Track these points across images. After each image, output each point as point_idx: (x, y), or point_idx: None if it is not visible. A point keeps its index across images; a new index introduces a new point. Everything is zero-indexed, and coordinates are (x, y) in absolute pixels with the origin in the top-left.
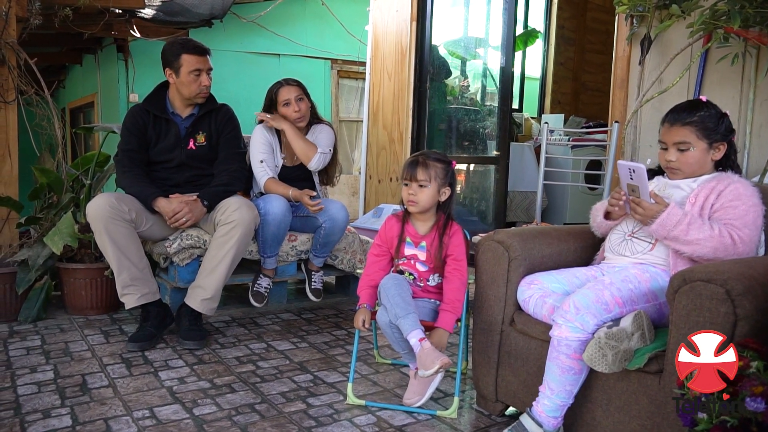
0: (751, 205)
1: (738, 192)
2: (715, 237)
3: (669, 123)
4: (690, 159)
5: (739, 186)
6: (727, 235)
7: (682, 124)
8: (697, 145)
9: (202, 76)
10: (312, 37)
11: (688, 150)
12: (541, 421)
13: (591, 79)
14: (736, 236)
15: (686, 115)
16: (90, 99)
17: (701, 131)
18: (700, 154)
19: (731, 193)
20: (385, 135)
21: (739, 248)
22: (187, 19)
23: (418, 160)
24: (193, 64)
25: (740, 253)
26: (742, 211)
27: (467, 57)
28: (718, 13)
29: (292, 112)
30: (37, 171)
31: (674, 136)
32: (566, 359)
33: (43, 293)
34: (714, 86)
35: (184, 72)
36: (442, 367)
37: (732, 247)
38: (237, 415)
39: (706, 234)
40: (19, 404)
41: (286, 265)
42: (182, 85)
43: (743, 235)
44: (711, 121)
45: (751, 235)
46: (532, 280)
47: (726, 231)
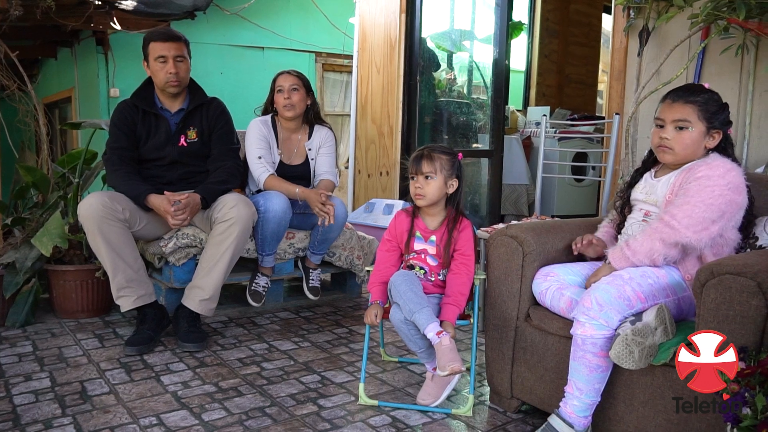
0: (712, 186)
1: (704, 173)
2: (653, 234)
3: (671, 100)
4: (686, 139)
5: (707, 168)
6: (662, 224)
7: (685, 101)
8: (696, 126)
9: (168, 63)
10: (296, 30)
11: (687, 129)
12: (571, 422)
13: (575, 72)
14: (667, 218)
15: (690, 94)
16: (67, 94)
17: (702, 112)
18: (697, 136)
19: (693, 175)
20: (374, 129)
21: (677, 227)
22: (169, 10)
23: (423, 153)
24: (158, 51)
25: (683, 232)
26: (693, 191)
27: (454, 50)
28: (721, 4)
29: (282, 99)
30: (21, 169)
31: (675, 112)
32: (593, 357)
33: (31, 296)
34: (713, 77)
35: (152, 59)
36: (452, 373)
37: (669, 229)
38: (248, 419)
39: (646, 238)
40: (18, 415)
41: (283, 263)
42: (153, 74)
43: (678, 212)
44: (713, 106)
45: (691, 212)
46: (548, 272)
47: (659, 222)
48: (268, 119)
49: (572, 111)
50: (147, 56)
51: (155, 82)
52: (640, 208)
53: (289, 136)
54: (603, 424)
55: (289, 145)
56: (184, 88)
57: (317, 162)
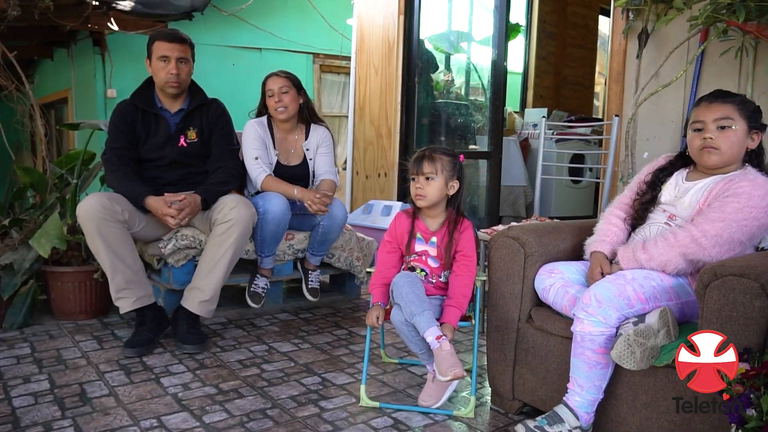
0: (751, 207)
1: (747, 192)
2: (675, 245)
3: (707, 102)
4: (732, 137)
5: (751, 186)
6: (689, 239)
7: (723, 101)
8: (739, 123)
9: (170, 63)
10: (294, 31)
11: (731, 127)
12: (577, 414)
13: (572, 74)
14: (697, 233)
15: (725, 95)
16: (63, 95)
17: (743, 110)
18: (741, 134)
19: (734, 188)
20: (373, 130)
21: (704, 245)
22: (166, 11)
23: (424, 154)
24: (161, 50)
25: (709, 251)
26: (731, 209)
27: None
28: (720, 6)
29: (274, 103)
30: (19, 170)
31: (715, 111)
32: (592, 354)
33: (28, 298)
34: (712, 79)
35: (154, 58)
36: (454, 378)
37: (696, 246)
38: (249, 421)
39: (667, 248)
40: (17, 417)
41: (282, 264)
42: (154, 73)
43: (710, 229)
44: (751, 105)
45: (722, 231)
46: (552, 269)
47: (686, 232)
48: (264, 120)
49: (569, 113)
50: (150, 54)
51: (156, 81)
52: (663, 209)
53: (285, 136)
54: (606, 425)
55: (286, 145)
56: (184, 90)
57: (316, 162)
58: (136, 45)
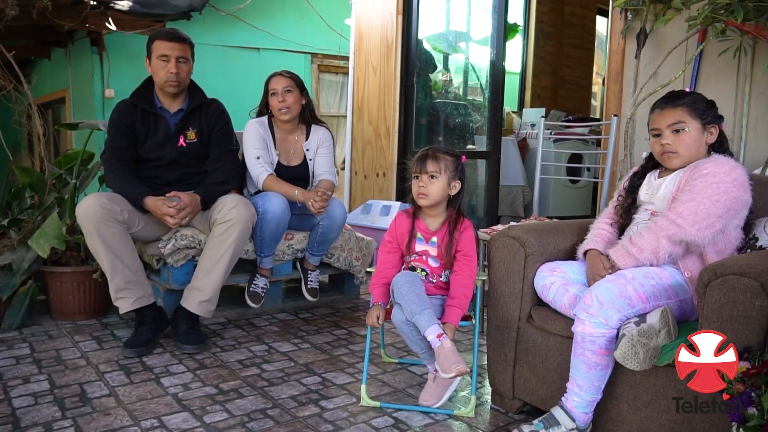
0: (718, 183)
1: (710, 170)
2: (658, 231)
3: (659, 108)
4: (686, 139)
5: (713, 165)
6: (667, 222)
7: (674, 106)
8: (691, 124)
9: (170, 62)
10: (292, 31)
11: (684, 130)
12: (573, 415)
13: (569, 74)
14: (673, 215)
15: (675, 98)
16: (60, 95)
17: (693, 111)
18: (696, 134)
19: (699, 171)
20: (371, 130)
21: (682, 224)
22: (164, 11)
23: (428, 153)
24: (161, 49)
25: (687, 229)
26: (699, 188)
27: (450, 51)
28: (718, 6)
29: (277, 102)
30: (17, 170)
31: (667, 118)
32: (592, 355)
33: (27, 298)
34: (710, 79)
35: (154, 58)
36: (458, 374)
37: (675, 227)
38: (250, 421)
39: (652, 236)
40: (17, 418)
41: (282, 264)
42: (153, 72)
43: (683, 209)
44: (701, 104)
45: (696, 209)
46: (554, 267)
47: (665, 218)
48: (265, 120)
49: (567, 113)
50: (150, 54)
51: (155, 80)
52: (645, 208)
53: (286, 136)
54: (606, 425)
55: (287, 145)
56: (183, 89)
57: (315, 162)
58: (134, 45)
